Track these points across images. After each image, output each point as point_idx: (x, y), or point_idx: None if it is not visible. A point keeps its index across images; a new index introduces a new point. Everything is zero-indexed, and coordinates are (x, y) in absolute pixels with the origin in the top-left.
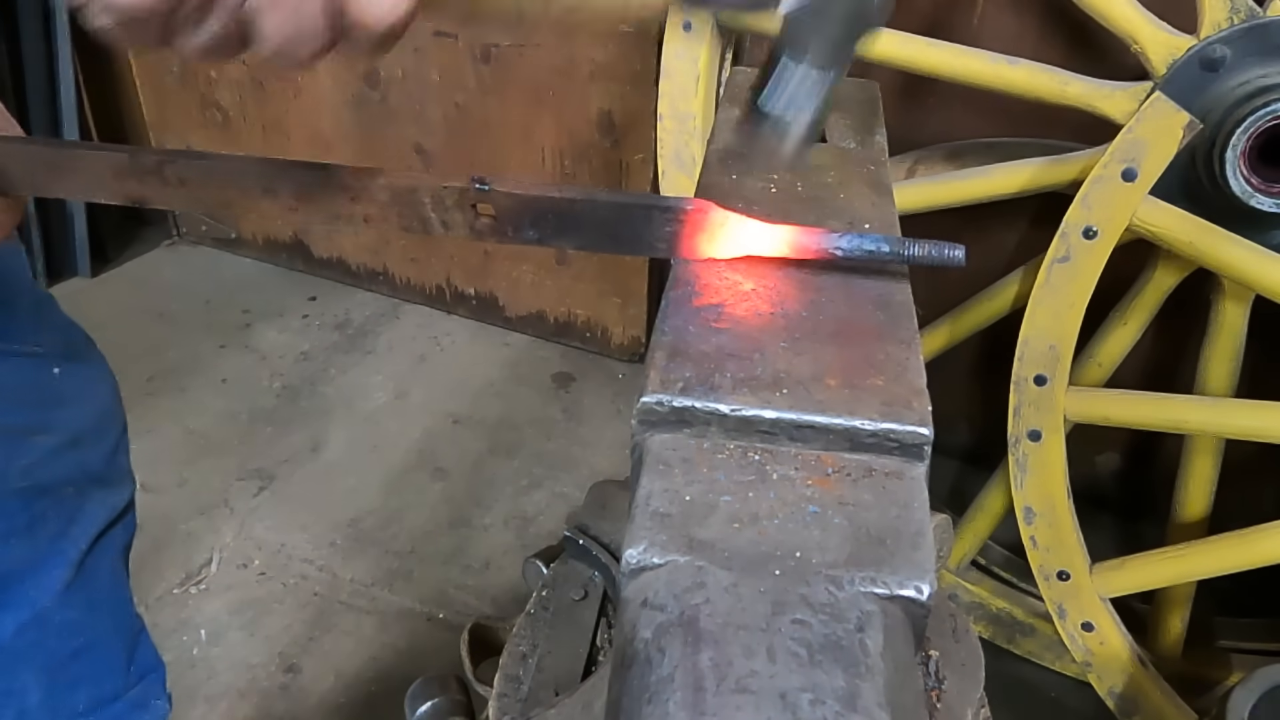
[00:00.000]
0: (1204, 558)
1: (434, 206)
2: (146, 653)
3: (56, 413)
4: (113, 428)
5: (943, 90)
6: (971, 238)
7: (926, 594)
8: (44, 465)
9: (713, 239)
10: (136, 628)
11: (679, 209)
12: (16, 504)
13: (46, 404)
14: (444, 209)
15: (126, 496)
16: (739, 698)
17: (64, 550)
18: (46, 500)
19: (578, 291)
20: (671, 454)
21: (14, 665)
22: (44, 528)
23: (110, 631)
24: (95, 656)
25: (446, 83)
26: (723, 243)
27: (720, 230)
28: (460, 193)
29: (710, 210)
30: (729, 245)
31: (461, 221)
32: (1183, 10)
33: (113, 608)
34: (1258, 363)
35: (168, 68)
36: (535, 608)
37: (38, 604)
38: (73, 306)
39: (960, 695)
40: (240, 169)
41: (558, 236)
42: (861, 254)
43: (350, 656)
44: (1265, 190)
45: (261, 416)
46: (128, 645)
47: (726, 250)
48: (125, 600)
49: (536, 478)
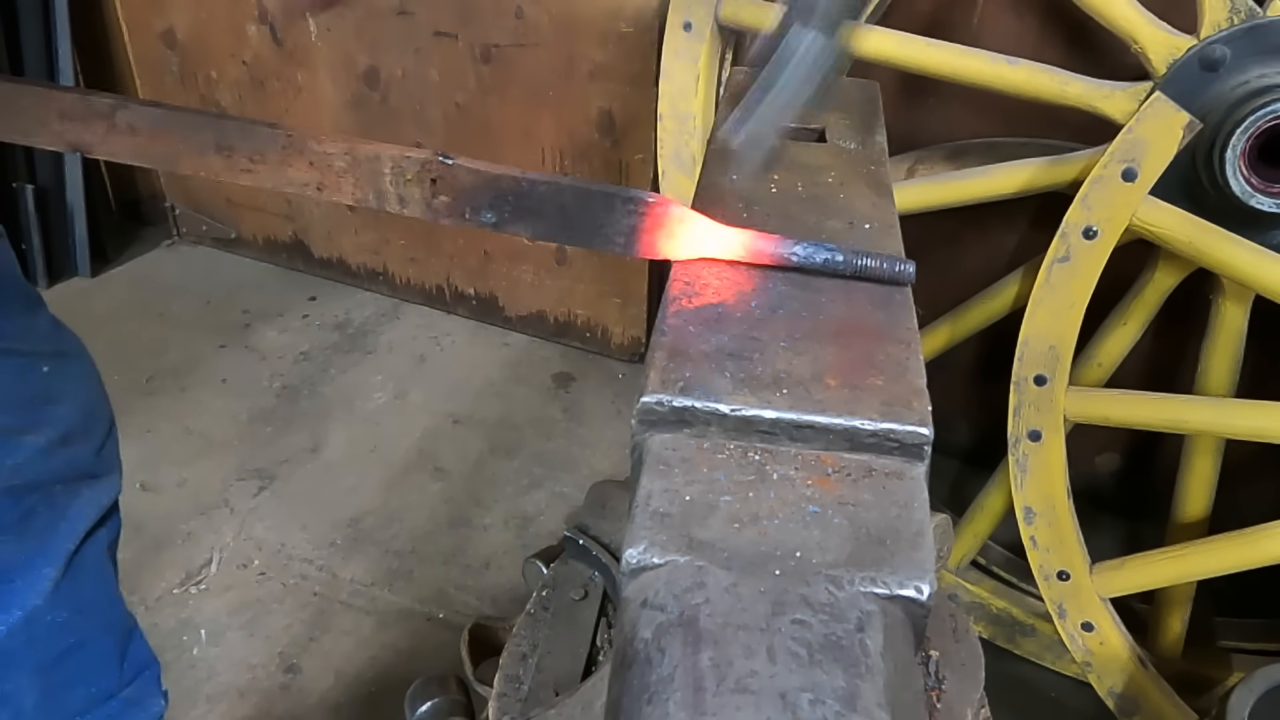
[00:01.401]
0: (1204, 558)
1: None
2: (139, 650)
3: (46, 411)
4: (100, 424)
5: (943, 90)
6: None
7: (926, 594)
8: (34, 464)
9: (671, 237)
10: (128, 625)
11: (640, 200)
12: (7, 502)
13: (36, 403)
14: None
15: (114, 493)
16: (739, 698)
17: (54, 548)
18: (36, 497)
19: (578, 291)
20: (671, 454)
21: (8, 667)
22: (34, 526)
23: (101, 629)
24: (88, 655)
25: (446, 83)
26: (680, 242)
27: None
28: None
29: (671, 207)
30: (687, 245)
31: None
32: (1183, 10)
33: (103, 606)
34: (1258, 363)
35: (168, 68)
36: (535, 608)
37: (28, 603)
38: (73, 306)
39: (960, 695)
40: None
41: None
42: (815, 263)
43: (350, 656)
44: (1265, 190)
45: (261, 416)
46: (120, 643)
47: (683, 251)
48: (115, 598)
49: (536, 478)
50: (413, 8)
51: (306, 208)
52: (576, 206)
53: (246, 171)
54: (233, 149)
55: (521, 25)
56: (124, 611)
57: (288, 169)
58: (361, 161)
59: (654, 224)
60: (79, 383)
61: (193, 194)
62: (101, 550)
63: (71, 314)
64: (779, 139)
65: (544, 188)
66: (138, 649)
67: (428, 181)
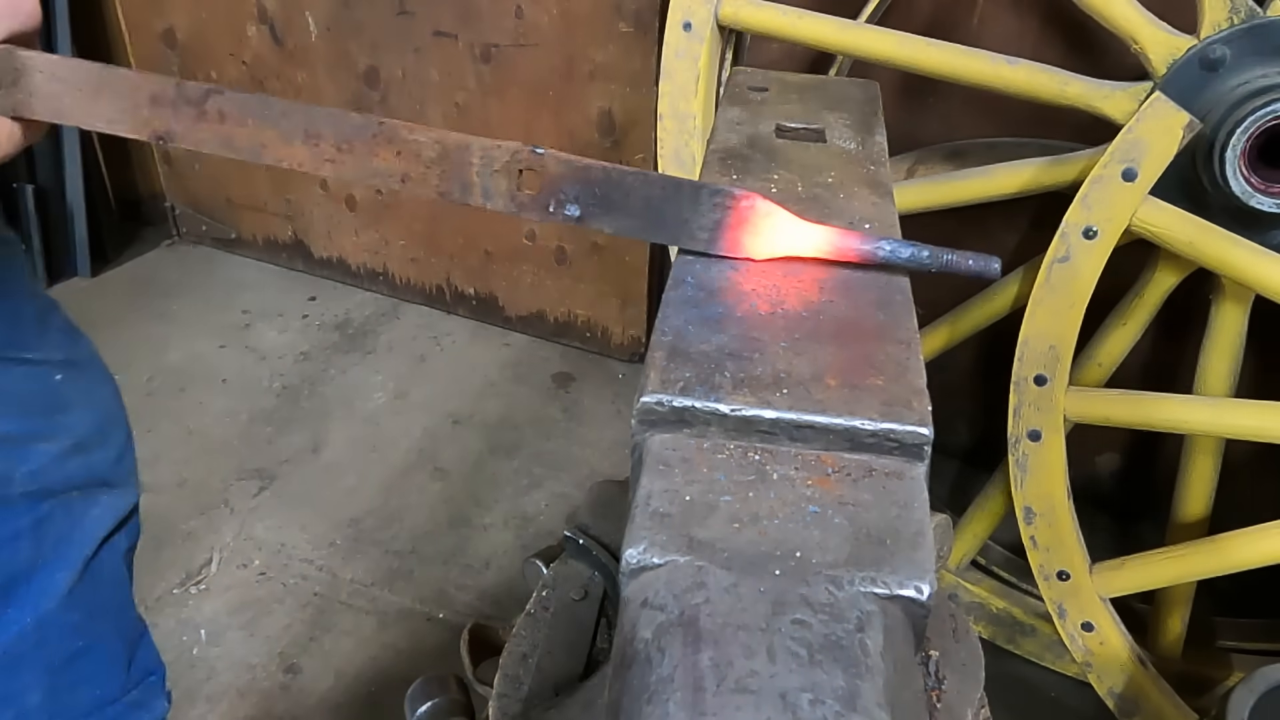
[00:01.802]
0: (1204, 558)
1: (481, 169)
2: (147, 654)
3: (60, 418)
4: (117, 432)
5: (943, 90)
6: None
7: (926, 594)
8: (49, 471)
9: (756, 234)
10: (139, 630)
11: (728, 194)
12: (22, 507)
13: (50, 410)
14: (490, 173)
15: (132, 501)
16: (739, 698)
17: (69, 554)
18: (52, 503)
19: (578, 291)
20: (671, 454)
21: (16, 666)
22: (49, 531)
23: (112, 634)
24: (96, 658)
25: (446, 83)
26: (765, 239)
27: (765, 225)
28: (511, 154)
29: (758, 202)
30: (771, 243)
31: (504, 189)
32: (1183, 10)
33: (115, 611)
34: (1258, 363)
35: (168, 68)
36: (535, 608)
37: (41, 607)
38: (73, 306)
39: (960, 695)
40: (288, 110)
41: (600, 215)
42: (900, 259)
43: (350, 656)
44: (1265, 190)
45: (261, 416)
46: (129, 647)
47: (767, 249)
48: (128, 603)
49: (536, 478)
50: (413, 8)
51: (306, 208)
52: (663, 200)
53: (331, 162)
54: (320, 137)
55: (521, 25)
56: (135, 616)
57: (374, 159)
58: (450, 151)
59: (739, 219)
60: (92, 390)
61: (193, 194)
62: (118, 556)
63: (71, 314)
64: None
65: (632, 179)
66: (146, 653)
67: (515, 173)
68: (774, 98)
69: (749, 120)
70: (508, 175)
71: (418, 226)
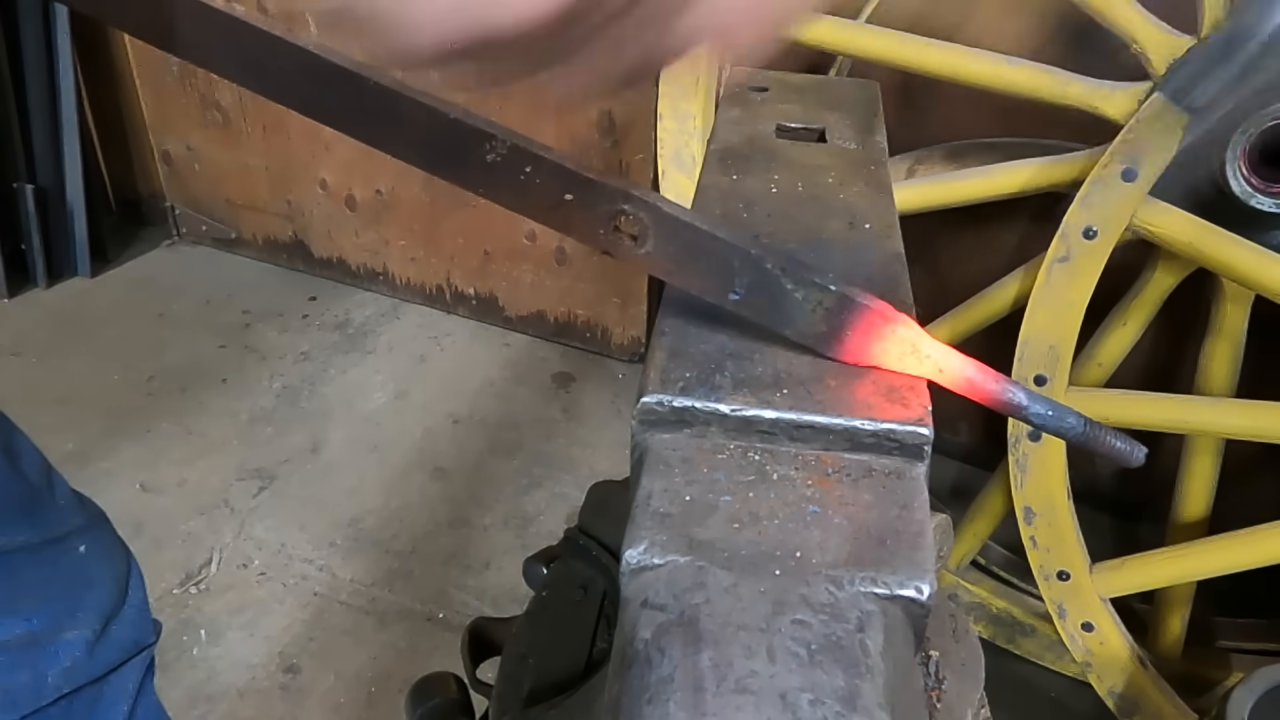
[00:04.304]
0: (1204, 558)
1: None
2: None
3: (85, 596)
4: (136, 581)
5: (943, 90)
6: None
7: (926, 594)
8: (82, 666)
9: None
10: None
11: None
12: (55, 711)
13: (75, 590)
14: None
15: (152, 638)
16: (739, 698)
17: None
18: (87, 691)
19: (578, 291)
20: (671, 454)
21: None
22: (79, 709)
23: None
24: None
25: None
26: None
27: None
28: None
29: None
30: (899, 359)
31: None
32: (1183, 10)
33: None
34: (1258, 363)
35: (168, 67)
36: (535, 608)
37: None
38: (73, 306)
39: (960, 695)
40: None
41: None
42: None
43: (350, 656)
44: (1265, 190)
45: (261, 416)
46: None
47: (896, 363)
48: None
49: (536, 478)
50: None
51: (306, 208)
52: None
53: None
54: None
55: None
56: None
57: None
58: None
59: (864, 326)
60: (112, 551)
61: (193, 194)
62: (151, 696)
63: (71, 314)
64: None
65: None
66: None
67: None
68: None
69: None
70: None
71: (417, 226)
